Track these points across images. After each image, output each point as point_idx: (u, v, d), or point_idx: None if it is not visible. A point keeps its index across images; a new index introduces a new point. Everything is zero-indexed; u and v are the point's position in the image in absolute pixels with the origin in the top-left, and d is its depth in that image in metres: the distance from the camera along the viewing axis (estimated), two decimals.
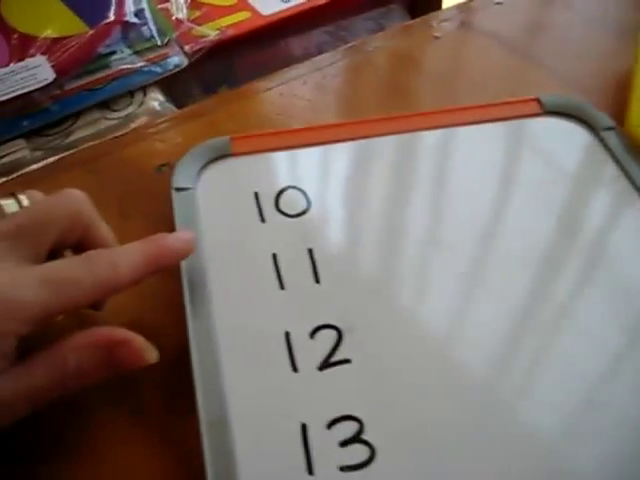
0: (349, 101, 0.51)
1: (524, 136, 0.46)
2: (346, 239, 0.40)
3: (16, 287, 0.29)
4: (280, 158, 0.44)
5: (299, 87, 0.51)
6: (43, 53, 0.50)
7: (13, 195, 0.33)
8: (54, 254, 0.33)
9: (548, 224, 0.41)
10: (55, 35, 0.51)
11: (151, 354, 0.32)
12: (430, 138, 0.45)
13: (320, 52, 0.57)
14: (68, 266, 0.31)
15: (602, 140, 0.45)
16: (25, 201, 0.33)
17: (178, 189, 0.41)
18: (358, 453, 0.31)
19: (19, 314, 0.29)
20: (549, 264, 0.39)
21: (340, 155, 0.44)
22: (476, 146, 0.45)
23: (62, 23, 0.52)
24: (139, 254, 0.33)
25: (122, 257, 0.32)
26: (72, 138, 0.49)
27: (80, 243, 0.34)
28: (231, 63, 0.58)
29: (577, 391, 0.34)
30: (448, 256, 0.39)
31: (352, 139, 0.45)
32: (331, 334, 0.35)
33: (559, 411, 0.33)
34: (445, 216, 0.41)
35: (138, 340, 0.32)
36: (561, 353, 0.35)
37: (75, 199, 0.33)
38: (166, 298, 0.37)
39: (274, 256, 0.38)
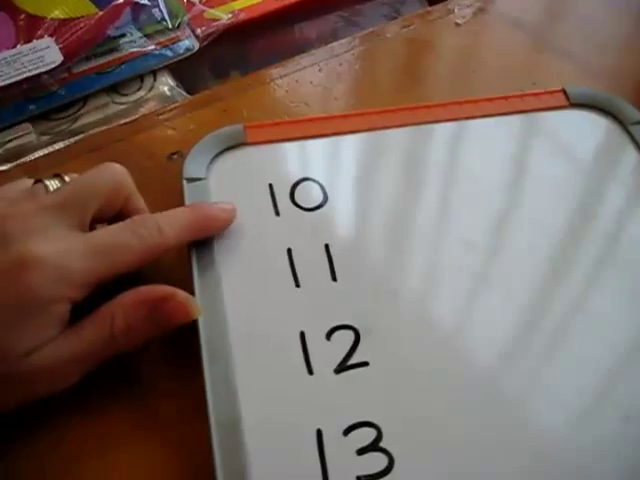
0: (366, 89, 0.49)
1: (547, 129, 0.45)
2: (364, 235, 0.39)
3: (68, 254, 0.31)
4: (296, 148, 0.42)
5: (315, 74, 0.49)
6: (51, 35, 0.48)
7: (58, 176, 0.35)
8: (92, 227, 0.34)
9: (567, 221, 0.40)
10: (63, 16, 0.49)
11: (195, 309, 0.33)
12: (451, 130, 0.44)
13: (334, 37, 0.56)
14: (116, 232, 0.33)
15: (630, 134, 0.44)
16: (68, 180, 0.35)
17: (189, 179, 0.39)
18: (376, 462, 0.30)
19: (73, 280, 0.31)
20: (566, 261, 0.38)
21: (358, 146, 0.43)
22: (497, 139, 0.44)
23: (70, 4, 0.50)
24: (184, 219, 0.35)
25: (167, 221, 0.34)
26: (80, 123, 0.48)
27: (120, 214, 0.35)
28: (244, 47, 0.57)
29: (591, 390, 0.34)
30: (466, 253, 0.38)
31: (371, 129, 0.43)
32: (348, 335, 0.34)
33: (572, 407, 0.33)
34: (462, 212, 0.40)
35: (181, 294, 0.33)
36: (576, 351, 0.35)
37: (117, 171, 0.35)
38: None
39: (289, 251, 0.37)
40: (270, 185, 0.40)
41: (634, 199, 0.41)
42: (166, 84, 0.50)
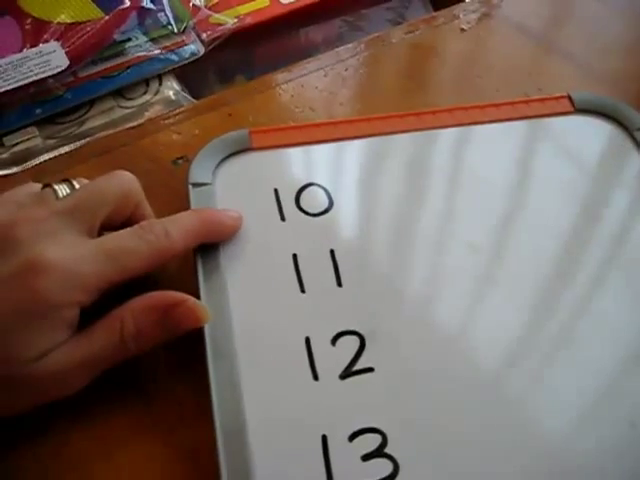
0: (371, 94, 0.49)
1: (552, 135, 0.45)
2: (370, 240, 0.39)
3: (78, 259, 0.31)
4: (301, 153, 0.42)
5: (320, 79, 0.49)
6: (57, 39, 0.48)
7: (67, 181, 0.35)
8: (99, 234, 0.34)
9: (572, 225, 0.40)
10: (69, 21, 0.49)
11: (205, 314, 0.33)
12: (456, 135, 0.44)
13: (340, 42, 0.56)
14: (124, 237, 0.33)
15: (635, 140, 0.44)
16: (77, 186, 0.35)
17: (195, 184, 0.39)
18: (381, 468, 0.30)
19: (82, 284, 0.31)
20: (571, 264, 0.38)
21: (364, 151, 0.43)
22: (503, 144, 0.44)
23: (77, 8, 0.50)
24: (190, 224, 0.35)
25: (174, 226, 0.34)
26: (85, 127, 0.48)
27: (128, 221, 0.35)
28: (249, 52, 0.57)
29: (594, 392, 0.34)
30: (472, 257, 0.38)
31: (376, 135, 0.43)
32: (353, 341, 0.34)
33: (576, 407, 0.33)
34: (467, 217, 0.40)
35: (192, 300, 0.33)
36: (580, 353, 0.35)
37: (126, 179, 0.36)
38: None
39: (294, 257, 0.37)
40: (275, 190, 0.40)
41: (638, 203, 0.41)
42: (171, 88, 0.51)
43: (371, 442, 0.31)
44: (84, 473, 0.31)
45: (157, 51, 0.51)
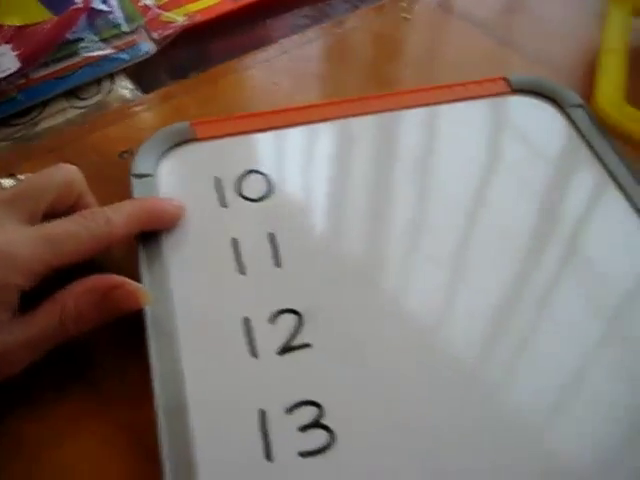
0: (320, 83, 0.50)
1: (497, 114, 0.46)
2: (309, 223, 0.40)
3: (14, 243, 0.32)
4: (243, 142, 0.43)
5: (265, 70, 0.50)
6: (7, 42, 0.49)
7: (12, 175, 0.36)
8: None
9: (524, 204, 0.41)
10: (19, 23, 0.50)
11: (145, 297, 0.34)
12: (399, 118, 0.45)
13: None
14: (63, 223, 0.34)
15: (569, 117, 0.45)
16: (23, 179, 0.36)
17: (137, 175, 0.40)
18: (317, 438, 0.31)
19: (20, 267, 0.31)
20: (527, 250, 0.39)
21: (306, 138, 0.44)
22: (448, 125, 0.45)
23: (27, 11, 0.51)
24: (131, 210, 0.36)
25: (115, 213, 0.35)
26: (39, 128, 0.48)
27: (71, 211, 0.36)
28: (202, 49, 0.57)
29: (557, 378, 0.34)
30: (418, 238, 0.39)
31: (319, 121, 0.44)
32: (292, 318, 0.35)
33: (540, 399, 0.34)
34: (419, 197, 0.41)
35: (133, 284, 0.34)
36: (540, 342, 0.36)
37: (69, 170, 0.36)
38: None
39: (234, 241, 0.38)
40: (217, 178, 0.41)
41: (578, 179, 0.43)
42: (124, 87, 0.51)
43: (308, 414, 0.32)
44: (36, 461, 0.32)
45: (109, 51, 0.51)
